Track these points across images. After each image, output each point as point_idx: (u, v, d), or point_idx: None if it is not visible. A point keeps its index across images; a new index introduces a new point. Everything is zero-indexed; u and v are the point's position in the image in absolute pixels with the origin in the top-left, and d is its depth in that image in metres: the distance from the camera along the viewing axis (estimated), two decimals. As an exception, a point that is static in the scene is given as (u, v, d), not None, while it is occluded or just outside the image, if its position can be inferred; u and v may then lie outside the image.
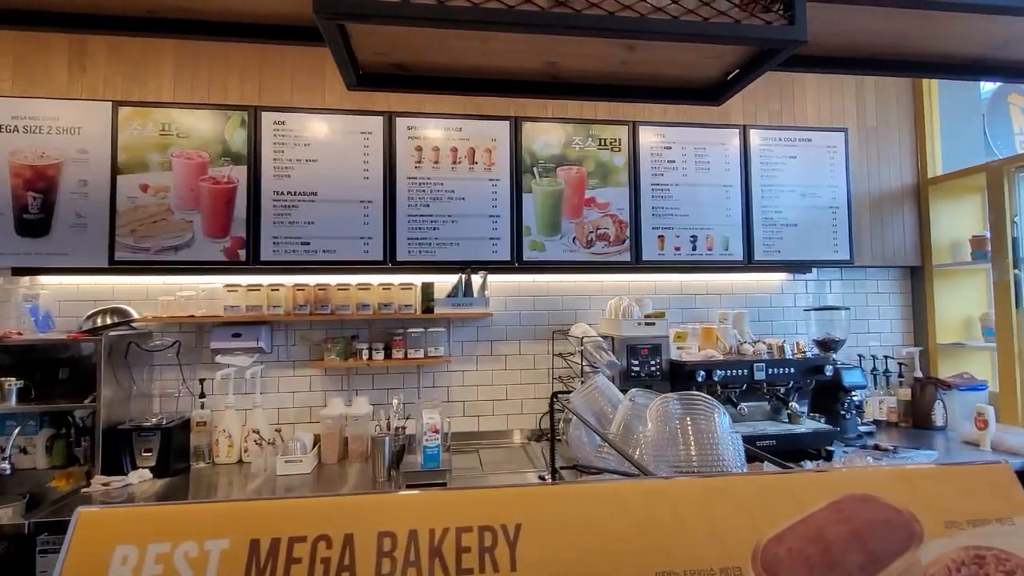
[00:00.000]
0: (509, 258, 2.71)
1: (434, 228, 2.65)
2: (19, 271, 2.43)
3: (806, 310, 3.02)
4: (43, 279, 2.54)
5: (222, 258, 2.49)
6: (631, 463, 0.84)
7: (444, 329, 2.77)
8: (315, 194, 2.58)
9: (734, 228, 2.90)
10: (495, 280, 2.79)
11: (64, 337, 2.34)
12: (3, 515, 2.01)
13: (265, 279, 2.60)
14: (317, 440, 2.54)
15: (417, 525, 0.56)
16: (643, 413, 0.91)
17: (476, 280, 2.70)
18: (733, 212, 2.90)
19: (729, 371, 2.45)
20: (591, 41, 0.98)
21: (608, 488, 0.60)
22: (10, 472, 2.22)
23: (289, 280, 2.63)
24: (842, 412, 2.68)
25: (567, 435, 1.41)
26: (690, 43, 0.96)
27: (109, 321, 2.44)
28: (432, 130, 2.69)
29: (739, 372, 2.47)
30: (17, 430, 2.24)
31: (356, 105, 2.64)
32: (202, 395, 2.55)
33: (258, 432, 2.46)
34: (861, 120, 3.14)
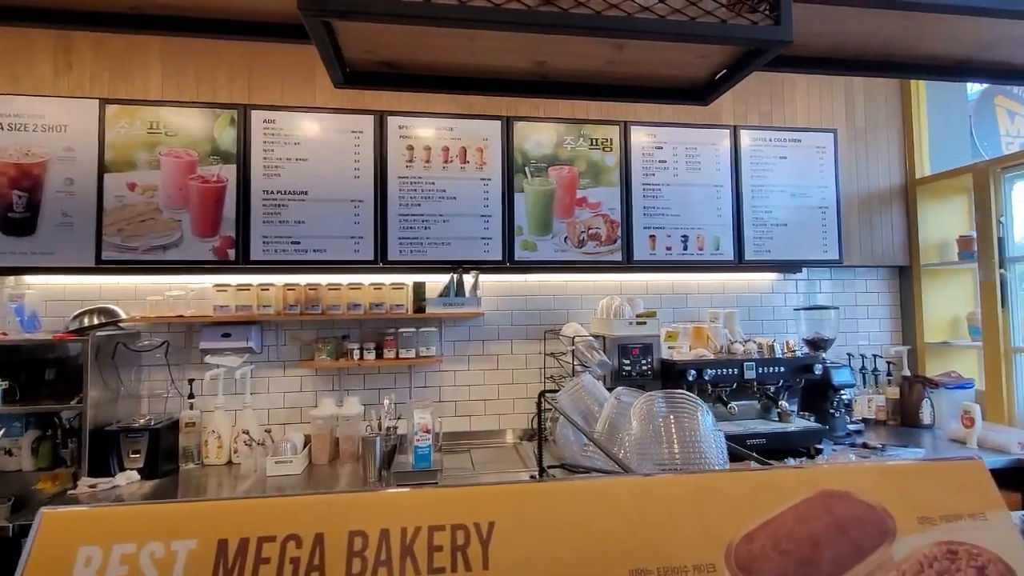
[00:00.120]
0: (501, 258, 2.70)
1: (425, 228, 2.65)
2: (4, 271, 2.40)
3: (796, 309, 3.04)
4: (29, 279, 2.51)
5: (211, 257, 2.47)
6: (615, 461, 0.85)
7: (436, 329, 2.76)
8: (305, 193, 2.56)
9: (725, 228, 2.91)
10: (487, 280, 2.79)
11: (50, 337, 2.31)
12: (-13, 518, 1.98)
13: (255, 279, 2.58)
14: (308, 441, 2.53)
15: (389, 524, 0.56)
16: (628, 411, 0.92)
17: (468, 280, 2.69)
18: (724, 212, 2.92)
19: (720, 370, 2.47)
20: (579, 40, 0.99)
21: (583, 486, 0.60)
22: (-5, 474, 2.20)
23: (279, 280, 2.62)
24: (831, 411, 2.70)
25: (555, 434, 1.41)
26: (677, 43, 0.97)
27: (96, 321, 2.41)
28: (423, 129, 2.68)
29: (729, 371, 2.48)
30: (2, 432, 2.22)
31: (347, 104, 2.62)
32: (191, 396, 2.53)
33: (248, 433, 2.44)
34: (850, 121, 3.17)
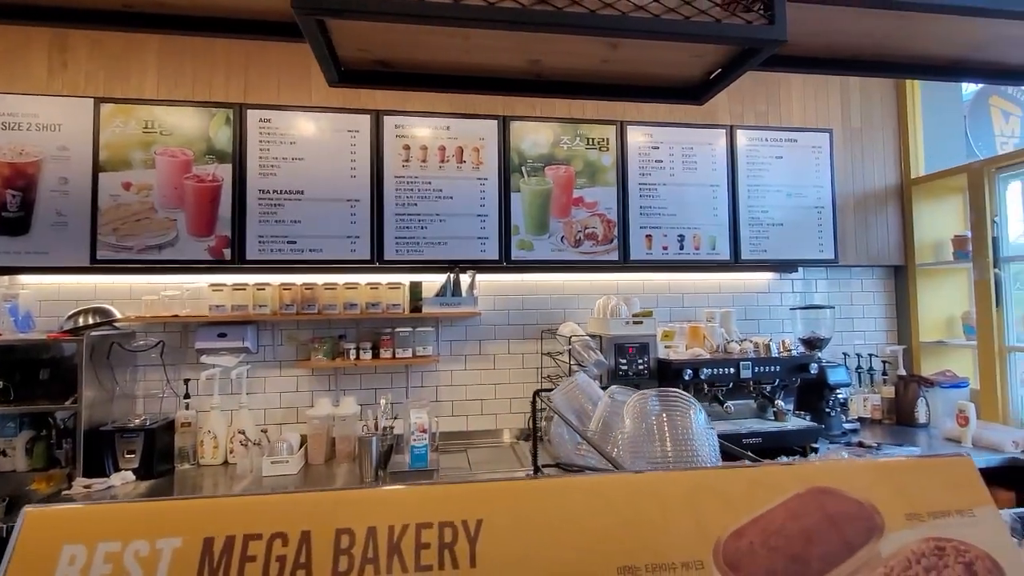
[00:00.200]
0: (497, 257, 2.70)
1: (422, 227, 2.65)
2: (-2, 270, 2.39)
3: (792, 309, 3.04)
4: (23, 278, 2.50)
5: (207, 257, 2.47)
6: (607, 459, 0.85)
7: (432, 328, 2.76)
8: (301, 193, 2.56)
9: (721, 228, 2.92)
10: (483, 279, 2.79)
11: (44, 337, 2.29)
12: (-19, 519, 1.97)
13: (251, 278, 2.57)
14: (304, 441, 2.52)
15: (376, 522, 0.56)
16: (622, 410, 0.92)
17: (464, 279, 2.69)
18: (720, 212, 2.92)
19: (716, 370, 2.47)
20: (573, 39, 0.99)
21: (571, 483, 0.60)
22: (-11, 475, 2.19)
23: (275, 279, 2.61)
24: (827, 410, 2.71)
25: (550, 434, 1.41)
26: (671, 42, 0.97)
27: (91, 321, 2.40)
28: (420, 129, 2.68)
29: (726, 371, 2.48)
30: (-4, 432, 2.21)
31: (343, 103, 2.62)
32: (187, 396, 2.53)
33: (244, 433, 2.44)
34: (846, 121, 3.18)
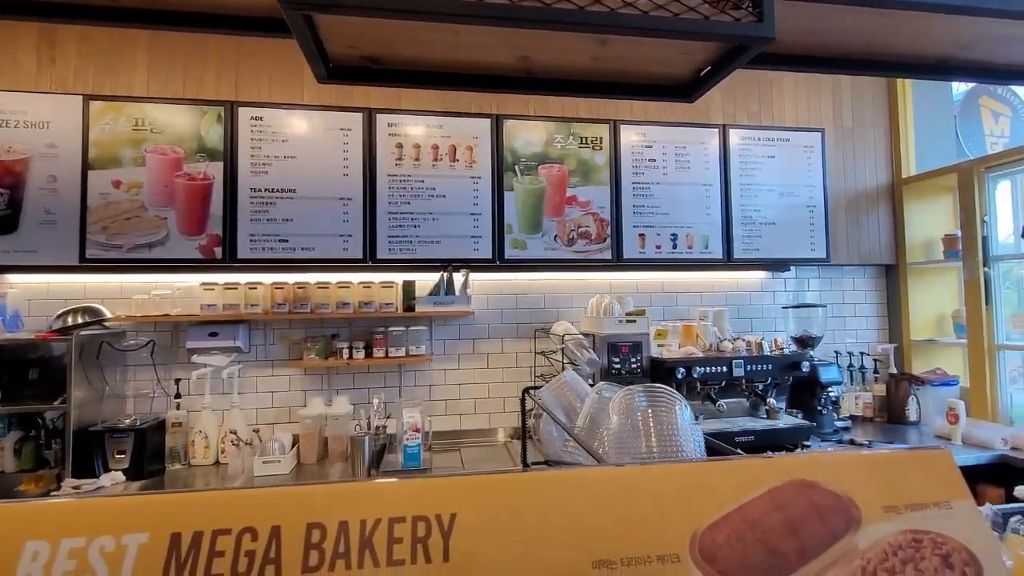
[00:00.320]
0: (491, 256, 2.70)
1: (415, 226, 2.64)
2: (-15, 269, 2.36)
3: (784, 307, 3.06)
4: (11, 277, 2.47)
5: (198, 256, 2.45)
6: (592, 456, 0.85)
7: (426, 327, 2.75)
8: (293, 191, 2.54)
9: (714, 227, 2.93)
10: (477, 278, 2.78)
11: (33, 337, 2.27)
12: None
13: (243, 277, 2.55)
14: (296, 440, 2.51)
15: (348, 516, 0.55)
16: (608, 406, 0.92)
17: (458, 278, 2.68)
18: (713, 211, 2.93)
19: (708, 368, 2.48)
20: (563, 35, 0.99)
21: (548, 477, 0.60)
22: (-24, 476, 2.16)
23: (267, 278, 2.60)
24: (819, 408, 2.72)
25: (539, 431, 1.41)
26: (661, 39, 0.97)
27: (80, 320, 2.38)
28: (413, 127, 2.67)
29: (718, 369, 2.49)
30: (-17, 433, 2.18)
31: (335, 101, 2.61)
32: (178, 395, 2.51)
33: (235, 433, 2.42)
34: (838, 120, 3.19)
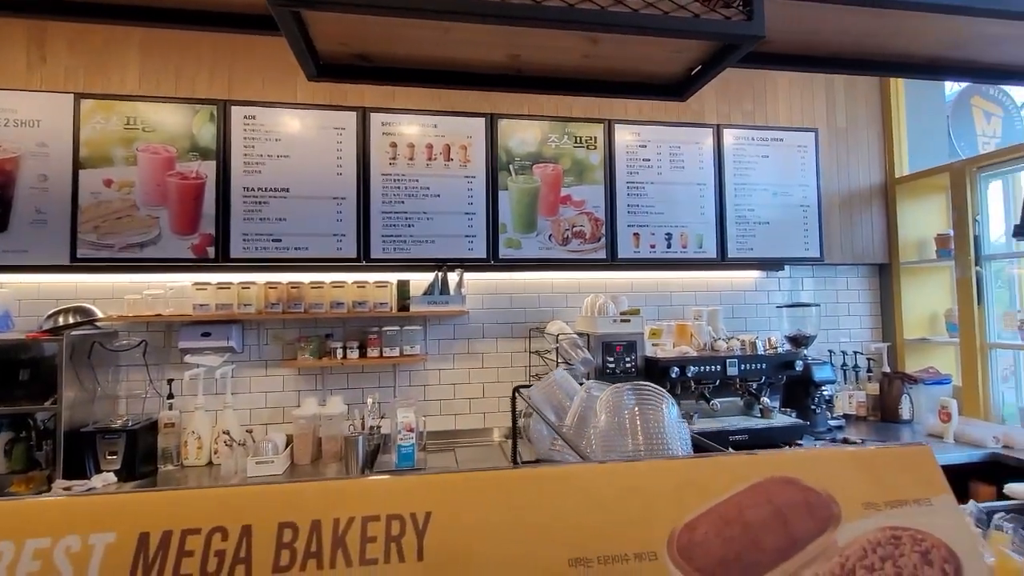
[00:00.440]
0: (485, 255, 2.70)
1: (409, 225, 2.63)
2: (-25, 269, 2.34)
3: (778, 307, 3.07)
4: (1, 277, 2.45)
5: (190, 255, 2.44)
6: (579, 454, 0.84)
7: (420, 327, 2.74)
8: (287, 190, 2.53)
9: (708, 226, 2.93)
10: (471, 278, 2.78)
11: (24, 337, 2.26)
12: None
13: (235, 277, 2.54)
14: (290, 441, 2.50)
15: (321, 515, 0.55)
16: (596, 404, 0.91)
17: (452, 278, 2.68)
18: (707, 210, 2.94)
19: (703, 367, 2.48)
20: (553, 33, 0.98)
21: (525, 474, 0.60)
22: (-34, 477, 2.14)
23: (260, 278, 2.58)
24: (813, 407, 2.73)
25: (529, 430, 1.40)
26: (651, 37, 0.97)
27: (71, 320, 2.36)
28: (407, 126, 2.66)
29: (712, 368, 2.50)
30: (-27, 434, 2.16)
31: (329, 100, 2.60)
32: (170, 396, 2.49)
33: (228, 433, 2.41)
34: (831, 120, 3.21)
